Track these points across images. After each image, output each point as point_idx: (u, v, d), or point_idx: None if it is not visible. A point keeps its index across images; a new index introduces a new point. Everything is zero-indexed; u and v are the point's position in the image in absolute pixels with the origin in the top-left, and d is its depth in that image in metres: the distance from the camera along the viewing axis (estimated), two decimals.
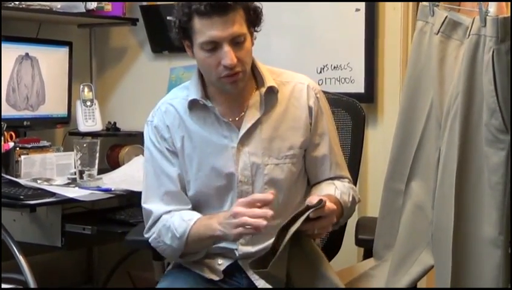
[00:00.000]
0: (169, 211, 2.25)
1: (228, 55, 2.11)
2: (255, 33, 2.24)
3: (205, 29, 2.11)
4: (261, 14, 2.23)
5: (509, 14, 1.98)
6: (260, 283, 2.23)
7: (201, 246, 2.23)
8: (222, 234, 2.13)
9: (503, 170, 1.97)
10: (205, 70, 2.20)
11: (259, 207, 2.06)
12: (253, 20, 2.20)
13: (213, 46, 2.12)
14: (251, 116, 2.26)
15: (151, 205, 2.28)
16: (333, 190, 2.28)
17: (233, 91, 2.21)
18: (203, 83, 2.26)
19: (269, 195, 2.09)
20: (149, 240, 2.28)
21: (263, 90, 2.25)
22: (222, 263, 2.27)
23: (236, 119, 2.26)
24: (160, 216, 2.25)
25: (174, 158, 2.28)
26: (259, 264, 2.02)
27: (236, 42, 2.13)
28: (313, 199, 2.07)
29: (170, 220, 2.22)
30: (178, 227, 2.19)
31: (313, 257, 2.15)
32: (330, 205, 2.08)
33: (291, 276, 2.07)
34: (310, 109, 2.30)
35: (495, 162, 1.98)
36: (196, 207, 2.29)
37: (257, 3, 2.21)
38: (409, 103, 2.28)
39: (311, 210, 2.02)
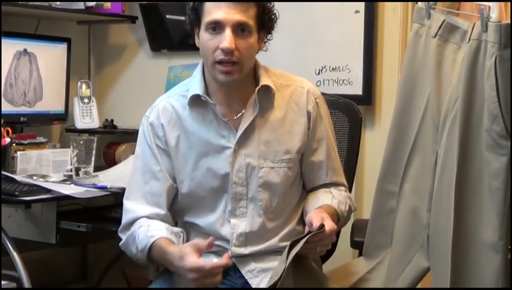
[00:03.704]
0: (143, 217, 2.26)
1: (227, 38, 2.12)
2: (268, 41, 2.26)
3: (212, 10, 2.14)
4: (275, 19, 2.24)
5: (510, 21, 1.98)
6: (254, 281, 2.23)
7: (164, 265, 2.25)
8: (176, 271, 2.15)
9: (504, 175, 1.98)
10: (204, 54, 2.20)
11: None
12: (265, 22, 2.21)
13: (216, 27, 2.14)
14: (248, 116, 2.25)
15: (133, 203, 2.29)
16: (330, 200, 2.28)
17: (224, 82, 2.20)
18: (205, 80, 2.26)
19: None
20: (120, 244, 2.31)
21: (257, 89, 2.25)
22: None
23: (234, 118, 2.26)
24: (136, 220, 2.27)
25: (165, 157, 2.28)
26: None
27: (239, 31, 2.14)
28: (313, 221, 2.10)
29: (137, 231, 2.23)
30: (140, 241, 2.21)
31: (316, 278, 2.22)
32: (330, 225, 2.09)
33: None
34: (308, 114, 2.30)
35: (496, 167, 1.98)
36: (191, 207, 2.29)
37: (275, 10, 2.23)
38: (404, 104, 2.28)
39: (311, 233, 2.05)
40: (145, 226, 2.22)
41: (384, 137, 2.39)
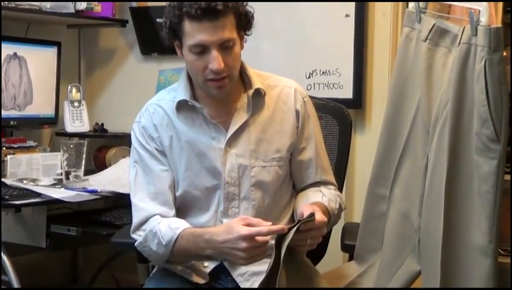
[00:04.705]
0: (157, 215, 2.24)
1: (216, 60, 2.12)
2: (245, 37, 2.25)
3: (194, 33, 2.12)
4: (252, 18, 2.23)
5: (501, 24, 1.99)
6: (245, 285, 2.23)
7: (187, 259, 2.23)
8: (212, 254, 2.14)
9: (494, 179, 1.98)
10: (192, 73, 2.21)
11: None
12: (244, 25, 2.20)
13: (202, 49, 2.13)
14: (239, 118, 2.26)
15: (142, 202, 2.26)
16: (320, 197, 2.29)
17: (218, 96, 2.21)
18: (191, 85, 2.27)
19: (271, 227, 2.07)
20: (135, 244, 2.27)
21: (251, 92, 2.26)
22: (208, 265, 2.27)
23: (224, 121, 2.27)
24: (149, 217, 2.24)
25: (163, 157, 2.27)
26: (266, 285, 2.02)
27: (224, 47, 2.13)
28: (304, 211, 2.09)
29: (158, 227, 2.20)
30: (164, 234, 2.18)
31: (307, 271, 2.19)
32: (321, 217, 2.09)
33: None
34: (297, 112, 2.31)
35: (485, 171, 1.99)
36: (183, 207, 2.29)
37: (249, 8, 2.22)
38: (394, 108, 2.29)
39: (301, 222, 2.04)
40: (165, 222, 2.21)
41: (374, 141, 2.40)
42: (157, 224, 2.21)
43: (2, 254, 2.77)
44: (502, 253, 2.43)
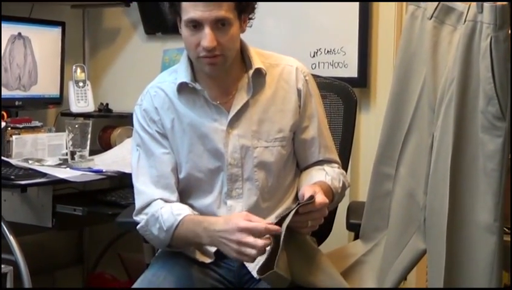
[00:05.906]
0: (160, 199, 2.24)
1: (207, 37, 2.12)
2: (250, 20, 2.24)
3: (189, 9, 2.13)
4: (254, 1, 2.23)
5: (506, 2, 1.98)
6: (251, 264, 2.22)
7: (186, 245, 2.23)
8: (209, 243, 2.15)
9: (499, 157, 1.98)
10: (187, 48, 2.21)
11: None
12: (244, 7, 2.19)
13: (196, 25, 2.13)
14: (240, 99, 2.26)
15: (144, 186, 2.27)
16: (323, 176, 2.28)
17: (211, 73, 2.21)
18: (192, 66, 2.26)
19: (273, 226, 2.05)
20: (137, 227, 2.28)
21: (251, 72, 2.25)
22: None
23: (225, 102, 2.26)
24: (152, 201, 2.24)
25: (164, 140, 2.28)
26: (266, 268, 2.02)
27: (219, 26, 2.13)
28: (305, 193, 2.09)
29: (160, 211, 2.20)
30: (166, 220, 2.18)
31: (308, 251, 2.18)
32: (322, 198, 2.08)
33: (291, 272, 2.08)
34: (299, 91, 2.30)
35: (491, 149, 1.99)
36: (187, 189, 2.29)
37: None
38: (400, 87, 2.28)
39: (300, 204, 2.04)
40: (167, 207, 2.21)
41: (379, 120, 2.40)
42: (159, 209, 2.21)
43: (8, 234, 2.78)
44: (506, 231, 2.43)
